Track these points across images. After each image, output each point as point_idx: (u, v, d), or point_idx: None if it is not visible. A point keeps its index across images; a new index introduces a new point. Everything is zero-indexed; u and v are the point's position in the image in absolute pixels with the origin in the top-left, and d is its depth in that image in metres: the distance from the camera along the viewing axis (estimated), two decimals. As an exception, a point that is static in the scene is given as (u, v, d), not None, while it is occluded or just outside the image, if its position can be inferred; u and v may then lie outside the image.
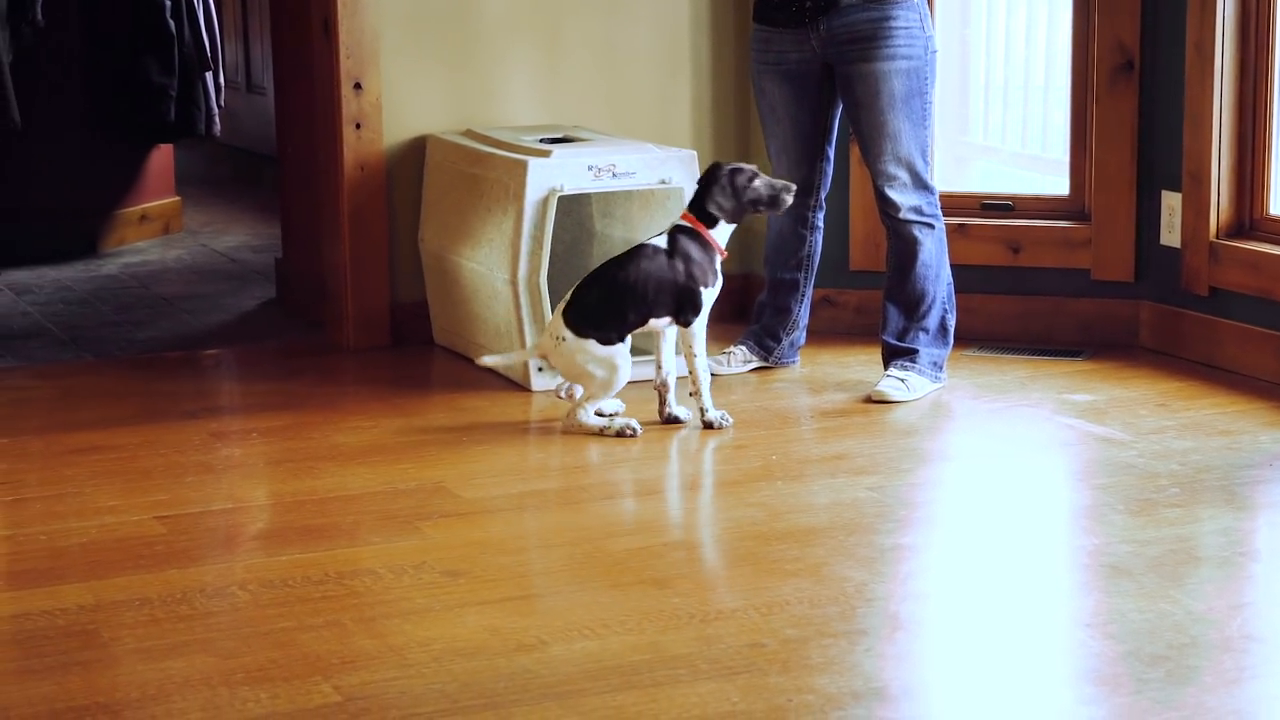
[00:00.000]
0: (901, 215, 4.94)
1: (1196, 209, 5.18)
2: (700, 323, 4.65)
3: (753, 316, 5.32)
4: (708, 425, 4.64)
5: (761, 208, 4.72)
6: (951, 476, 4.52)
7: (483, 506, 4.20)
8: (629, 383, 4.73)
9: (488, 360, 4.75)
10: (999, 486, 4.43)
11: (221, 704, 3.15)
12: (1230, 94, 5.10)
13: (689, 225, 4.66)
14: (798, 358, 5.27)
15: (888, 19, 4.85)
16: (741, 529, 4.03)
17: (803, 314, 5.24)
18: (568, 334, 4.58)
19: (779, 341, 5.22)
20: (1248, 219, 5.16)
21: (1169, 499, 4.15)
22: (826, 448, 4.59)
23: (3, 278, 6.52)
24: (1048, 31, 5.90)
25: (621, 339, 4.60)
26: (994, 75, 6.15)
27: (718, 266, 4.66)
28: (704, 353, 4.68)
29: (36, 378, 5.32)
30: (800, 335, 5.27)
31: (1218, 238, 5.15)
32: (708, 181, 4.69)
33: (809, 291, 5.23)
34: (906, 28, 4.86)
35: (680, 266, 4.62)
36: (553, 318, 4.66)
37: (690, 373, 4.69)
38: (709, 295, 4.65)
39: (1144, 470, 4.34)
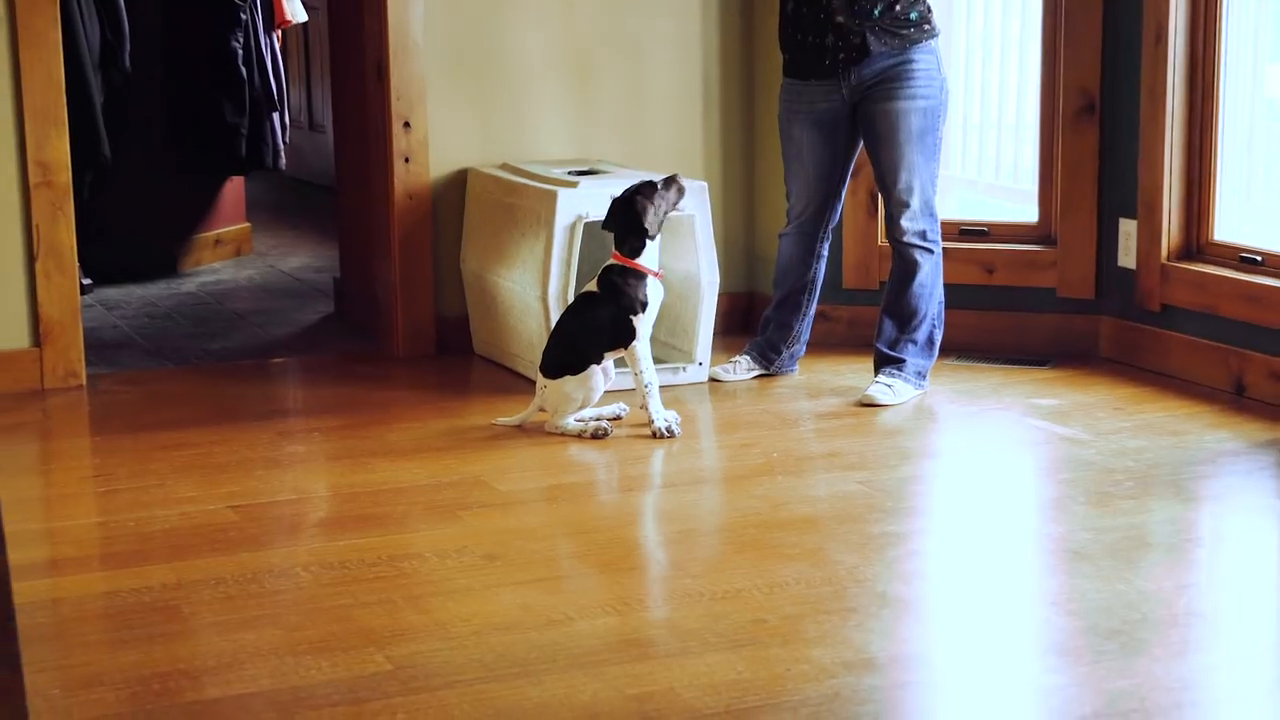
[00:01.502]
0: (906, 239, 4.93)
1: (1150, 235, 5.18)
2: (641, 343, 4.63)
3: (758, 329, 5.31)
4: (654, 434, 4.60)
5: (675, 208, 4.74)
6: (933, 472, 4.52)
7: (516, 498, 4.21)
8: (616, 389, 4.78)
9: (502, 421, 4.74)
10: (975, 481, 4.44)
11: (287, 671, 3.17)
12: (1179, 133, 5.10)
13: (617, 264, 4.66)
14: (796, 367, 5.26)
15: (909, 62, 4.83)
16: (746, 518, 4.04)
17: (804, 330, 5.23)
18: (546, 380, 4.63)
19: (779, 354, 5.22)
20: (1195, 244, 5.16)
21: (1124, 492, 4.15)
22: (822, 446, 4.60)
23: (95, 294, 6.54)
24: (1019, 76, 5.91)
25: (586, 367, 4.61)
26: (971, 115, 6.15)
27: (647, 292, 4.63)
28: (650, 367, 4.65)
29: (125, 383, 5.34)
30: (800, 348, 5.26)
31: (1168, 260, 5.15)
32: (622, 219, 4.67)
33: (811, 310, 5.21)
34: (925, 70, 4.85)
35: (611, 306, 4.63)
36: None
37: (638, 388, 4.68)
38: (642, 320, 4.64)
39: (1102, 466, 4.35)
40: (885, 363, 5.00)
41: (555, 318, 4.93)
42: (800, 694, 3.04)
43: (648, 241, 4.65)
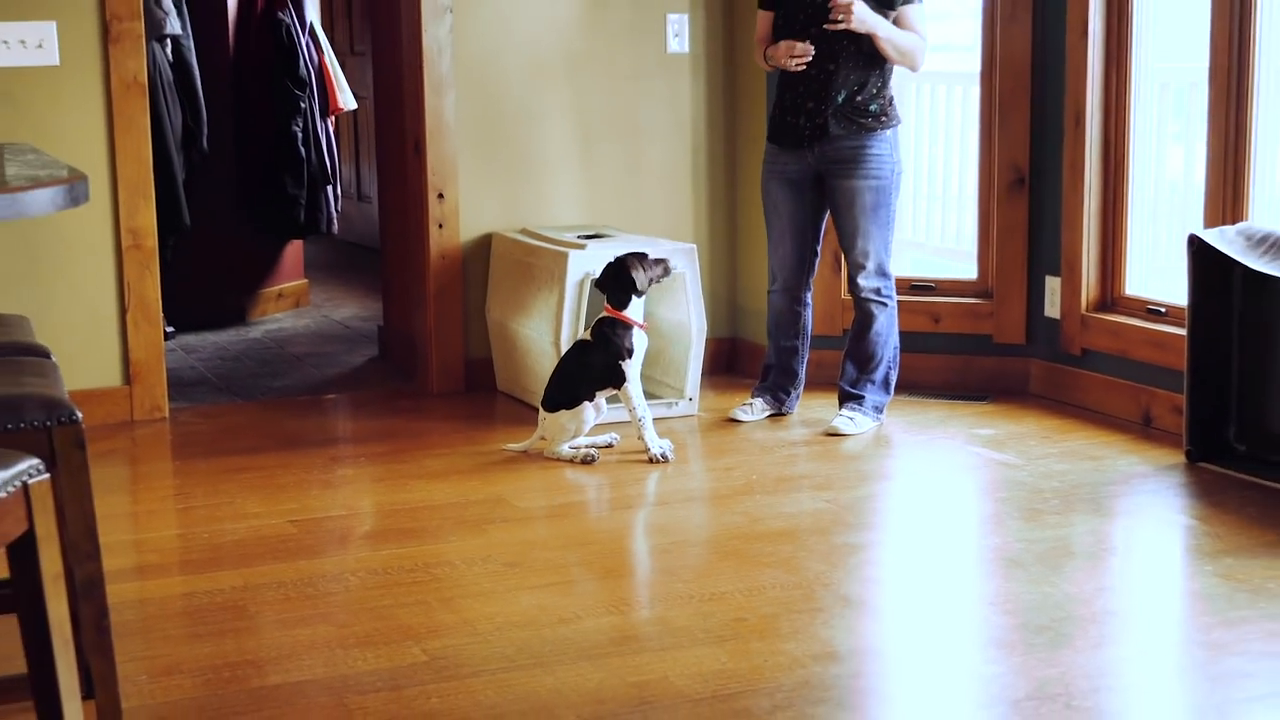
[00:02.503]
0: (864, 295, 4.93)
1: (1071, 289, 5.19)
2: (631, 384, 4.64)
3: (760, 375, 5.22)
4: (651, 460, 4.61)
5: (660, 278, 4.75)
6: (889, 491, 4.52)
7: (533, 514, 4.21)
8: (609, 421, 4.80)
9: (510, 448, 4.74)
10: (924, 499, 4.44)
11: (337, 662, 3.17)
12: (1096, 204, 5.11)
13: (609, 316, 4.68)
14: (796, 406, 5.21)
15: (865, 147, 4.83)
16: (729, 531, 4.04)
17: (803, 372, 5.16)
18: (546, 413, 4.65)
19: (789, 395, 5.15)
20: (1109, 298, 5.17)
21: (1051, 508, 4.15)
22: (794, 469, 4.59)
23: (176, 340, 6.55)
24: (960, 155, 5.93)
25: (579, 404, 4.62)
26: (920, 187, 6.18)
27: (634, 340, 4.66)
28: (642, 403, 4.66)
29: (200, 416, 5.34)
30: (801, 388, 5.17)
31: (1087, 312, 5.16)
32: (616, 278, 4.68)
33: (806, 354, 5.15)
34: (879, 154, 4.84)
35: (602, 352, 4.64)
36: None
37: (633, 422, 4.68)
38: (631, 363, 4.66)
39: (1032, 487, 4.35)
40: (847, 399, 5.00)
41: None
42: (775, 682, 3.04)
43: (634, 299, 4.67)
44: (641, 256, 4.74)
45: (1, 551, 2.03)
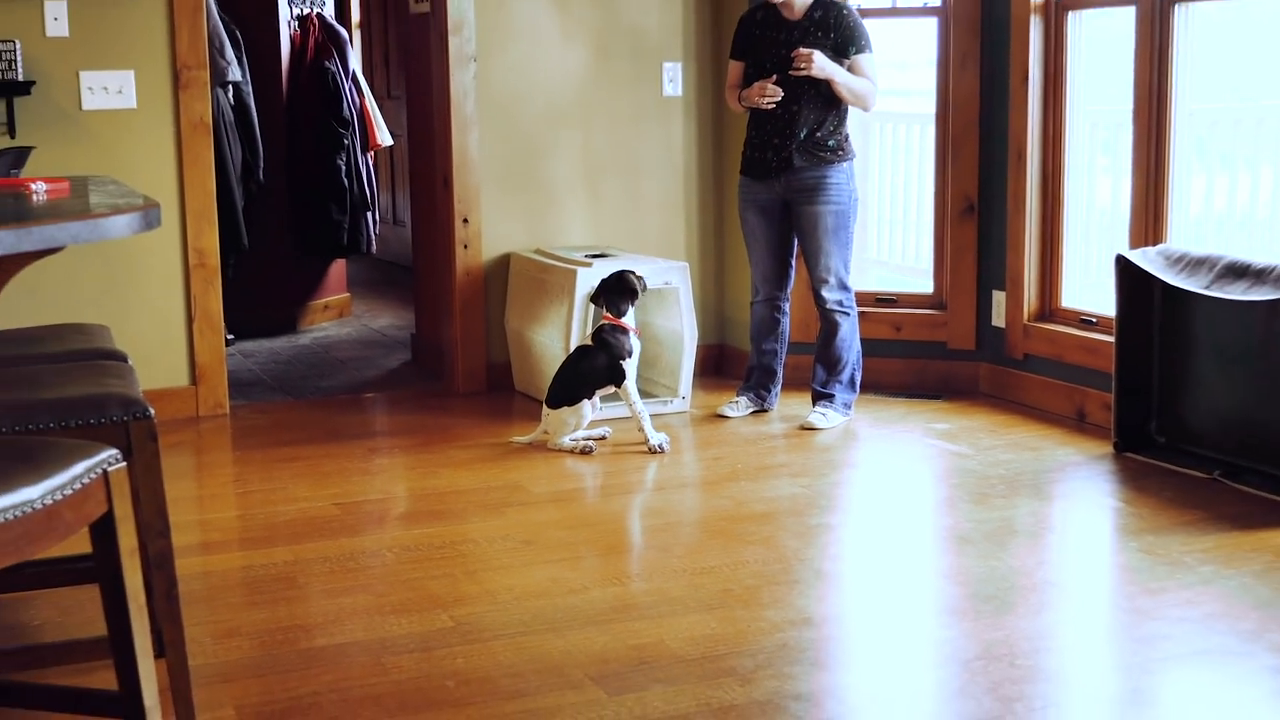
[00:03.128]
0: (828, 306, 4.93)
1: (1015, 302, 5.19)
2: (630, 381, 4.65)
3: (744, 377, 5.21)
4: (650, 450, 4.61)
5: (642, 290, 4.76)
6: (856, 478, 4.51)
7: (546, 498, 4.21)
8: (607, 417, 4.79)
9: (519, 440, 4.74)
10: (886, 485, 4.44)
11: (375, 626, 3.17)
12: (1036, 227, 5.12)
13: (608, 323, 4.69)
14: (776, 403, 5.21)
15: (824, 177, 4.84)
16: (717, 513, 4.04)
17: (781, 373, 5.16)
18: (549, 410, 4.65)
19: (769, 393, 5.15)
20: (1048, 309, 5.17)
21: (998, 493, 4.15)
22: (774, 459, 4.59)
23: (236, 346, 6.54)
24: (918, 184, 5.93)
25: (579, 401, 4.62)
26: (883, 212, 6.18)
27: (631, 343, 4.68)
28: (639, 399, 4.67)
29: (257, 413, 5.34)
30: (779, 387, 5.17)
31: (1028, 321, 5.16)
32: (619, 288, 4.70)
33: (783, 357, 5.15)
34: (837, 184, 4.85)
35: (605, 354, 4.65)
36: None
37: (632, 415, 4.69)
38: (629, 363, 4.67)
39: (981, 474, 4.35)
40: (819, 398, 5.00)
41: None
42: (758, 644, 3.05)
43: (630, 308, 4.68)
44: (629, 273, 4.76)
45: (85, 529, 2.03)
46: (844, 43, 4.77)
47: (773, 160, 4.86)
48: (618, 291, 4.71)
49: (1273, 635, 3.07)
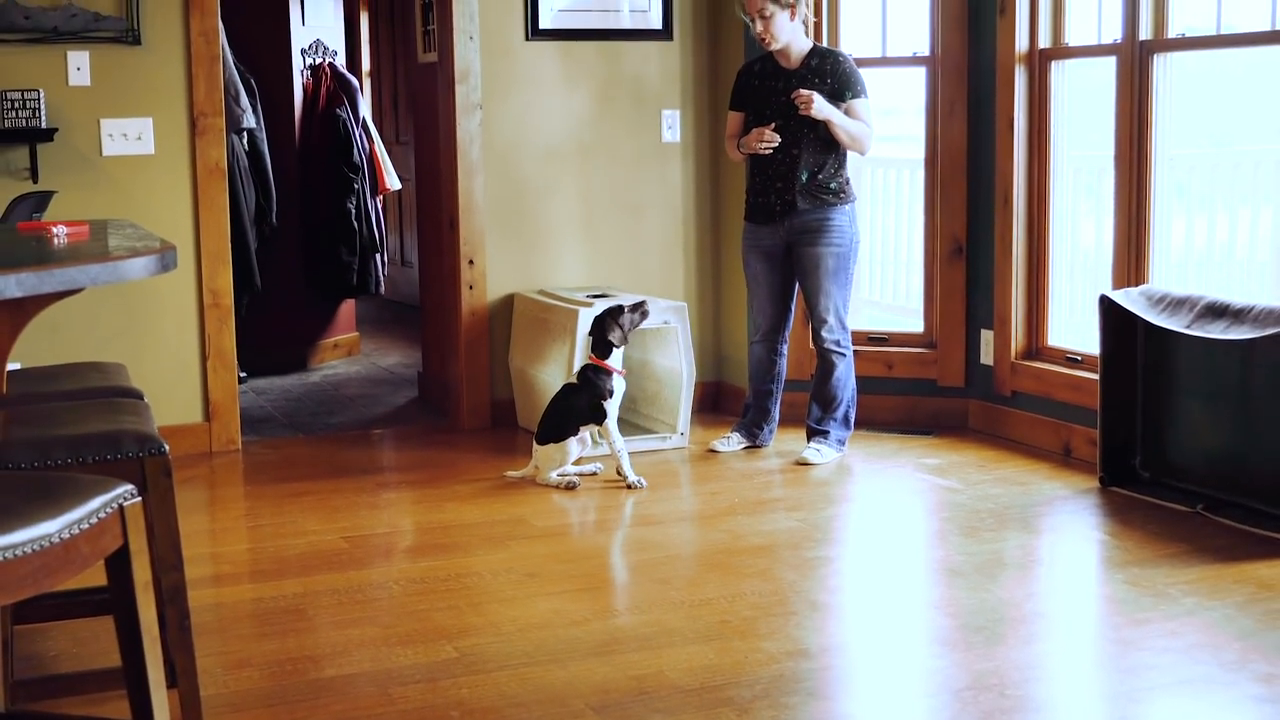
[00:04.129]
0: (826, 345, 4.92)
1: (1003, 341, 5.19)
2: (610, 420, 4.61)
3: (741, 413, 5.22)
4: (629, 486, 4.59)
5: (639, 322, 4.70)
6: (850, 512, 4.50)
7: (549, 532, 4.20)
8: (601, 455, 4.74)
9: (511, 474, 4.73)
10: (880, 518, 4.43)
11: (382, 657, 3.16)
12: (1022, 269, 5.12)
13: (592, 364, 4.66)
14: (772, 440, 5.18)
15: (827, 219, 4.84)
16: (715, 546, 4.02)
17: (776, 411, 5.15)
18: (537, 446, 4.65)
19: (762, 430, 5.13)
20: (1034, 348, 5.17)
21: (987, 526, 4.14)
22: (770, 493, 4.58)
23: (248, 383, 6.54)
24: (909, 227, 5.94)
25: (565, 438, 4.61)
26: (875, 254, 6.18)
27: (614, 383, 4.64)
28: (619, 439, 4.63)
29: (269, 448, 5.33)
30: (775, 425, 5.16)
31: (1016, 359, 5.16)
32: (600, 330, 4.66)
33: (779, 396, 5.14)
34: (839, 225, 4.85)
35: (586, 394, 4.62)
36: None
37: (612, 454, 4.67)
38: (610, 403, 4.63)
39: (971, 508, 4.34)
40: (814, 434, 4.99)
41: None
42: (755, 675, 3.03)
43: (614, 350, 4.66)
44: (619, 310, 4.72)
45: (101, 562, 2.02)
46: (840, 88, 4.79)
47: (776, 204, 4.87)
48: (600, 334, 4.70)
49: (1255, 665, 3.06)
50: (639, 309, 4.77)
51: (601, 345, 4.67)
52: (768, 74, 4.87)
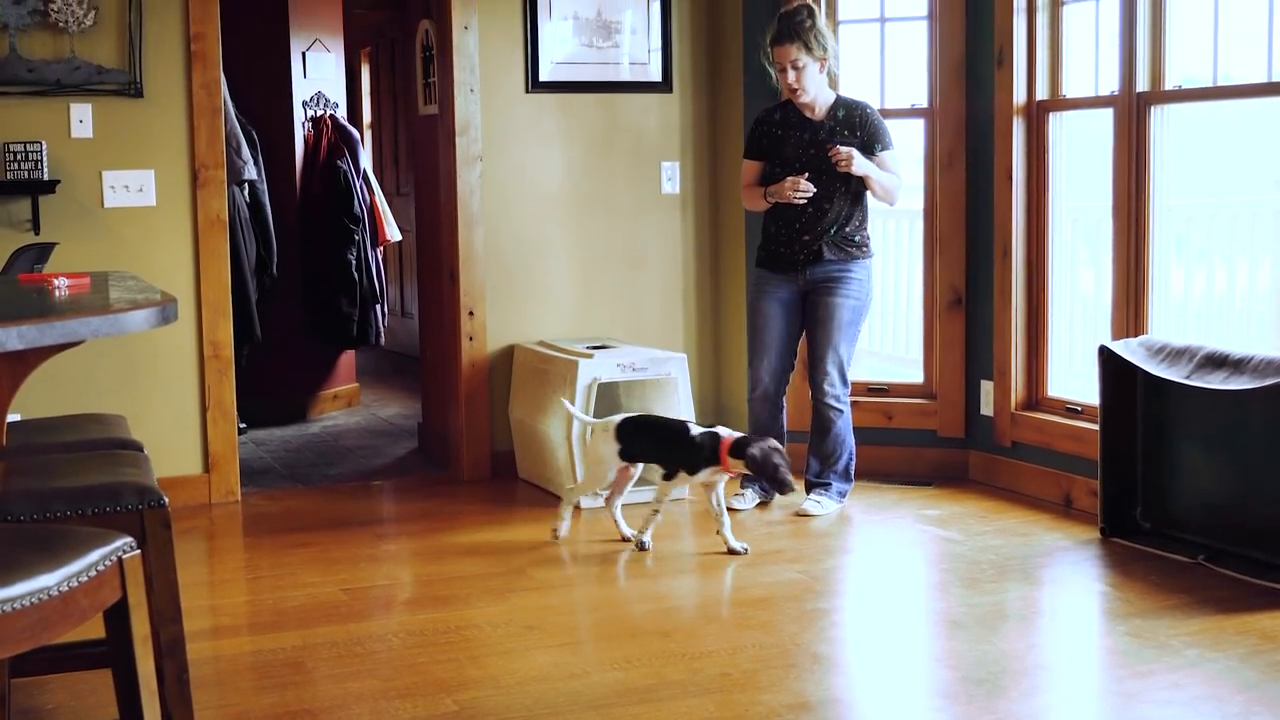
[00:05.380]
0: (826, 400, 4.90)
1: (1003, 391, 5.20)
2: (676, 484, 4.46)
3: None
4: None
5: (769, 479, 4.29)
6: (851, 564, 4.50)
7: (549, 584, 4.19)
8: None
9: (570, 406, 4.70)
10: (881, 570, 4.42)
11: (382, 711, 3.14)
12: (1022, 320, 5.14)
13: (721, 441, 4.32)
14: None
15: (848, 271, 4.85)
16: (717, 597, 4.02)
17: None
18: (614, 446, 4.45)
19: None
20: (1034, 398, 5.18)
21: (988, 577, 4.13)
22: (771, 545, 4.57)
23: (248, 435, 6.54)
24: (908, 278, 5.96)
25: (696, 473, 4.37)
26: (875, 304, 6.15)
27: (707, 470, 4.36)
28: (662, 499, 4.46)
29: (268, 499, 5.33)
30: None
31: (1016, 410, 5.17)
32: (762, 454, 4.26)
33: (784, 449, 5.12)
34: (859, 279, 4.86)
35: (697, 449, 4.36)
36: (603, 424, 4.50)
37: (653, 506, 4.47)
38: (685, 476, 4.41)
39: (972, 559, 4.33)
40: (814, 487, 4.98)
41: (577, 455, 4.91)
42: (755, 727, 3.01)
43: (743, 457, 4.27)
44: (782, 458, 4.32)
45: (99, 615, 2.02)
46: (871, 140, 4.80)
47: (800, 254, 4.85)
48: (763, 459, 4.27)
49: (1259, 717, 3.04)
50: (784, 485, 4.29)
51: (743, 447, 4.29)
52: (791, 124, 4.86)
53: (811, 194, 4.77)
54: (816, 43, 4.72)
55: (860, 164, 4.72)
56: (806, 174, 4.78)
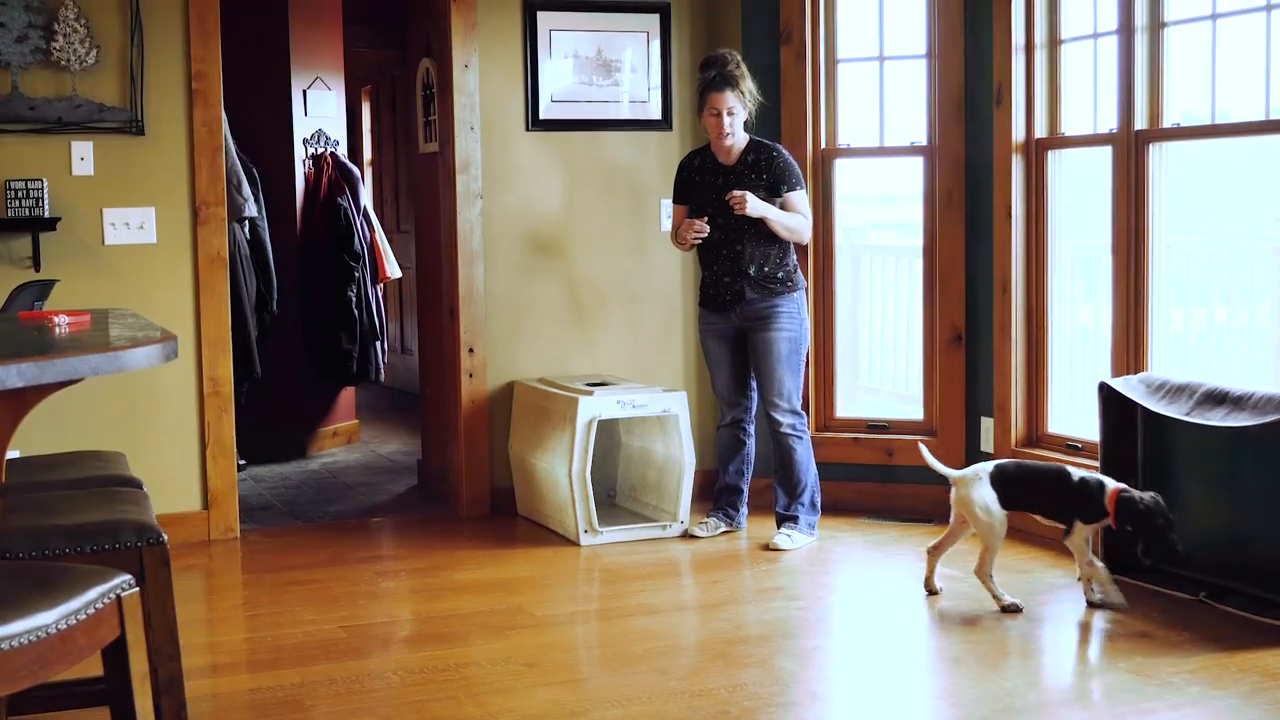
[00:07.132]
0: (782, 430, 4.98)
1: (1003, 428, 5.20)
2: (1081, 534, 4.14)
3: (714, 498, 5.24)
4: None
5: (1152, 533, 4.01)
6: (850, 600, 4.49)
7: (548, 621, 4.18)
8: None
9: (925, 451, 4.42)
10: (880, 606, 4.41)
11: (379, 750, 3.13)
12: (1021, 357, 5.16)
13: (1108, 494, 4.07)
14: (745, 523, 5.22)
15: (775, 307, 4.95)
16: (715, 636, 4.01)
17: (746, 493, 5.20)
18: (993, 494, 4.20)
19: (738, 512, 5.19)
20: (1034, 435, 5.18)
21: (988, 614, 4.13)
22: (770, 582, 4.57)
23: (248, 471, 6.54)
24: (908, 315, 5.97)
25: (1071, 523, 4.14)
26: (874, 341, 6.20)
27: (1096, 517, 4.11)
28: (1091, 558, 4.14)
29: (267, 536, 5.33)
30: (745, 507, 5.21)
31: (1016, 446, 5.17)
32: (1147, 514, 4.00)
33: (749, 477, 5.20)
34: (788, 312, 4.96)
35: (1083, 494, 4.12)
36: (973, 474, 4.24)
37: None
38: (1083, 524, 4.14)
39: (973, 596, 4.32)
40: (783, 520, 5.03)
41: (577, 492, 4.92)
42: (754, 766, 3.00)
43: (1127, 527, 4.04)
44: (1170, 522, 4.02)
45: (97, 652, 2.02)
46: (776, 182, 4.93)
47: (726, 295, 5.00)
48: (1151, 522, 4.01)
49: (1261, 756, 3.03)
50: (1168, 548, 4.01)
51: (1132, 513, 4.01)
52: (707, 169, 5.03)
53: (705, 234, 4.92)
54: (746, 89, 4.94)
55: (755, 206, 4.85)
56: (707, 217, 4.94)
